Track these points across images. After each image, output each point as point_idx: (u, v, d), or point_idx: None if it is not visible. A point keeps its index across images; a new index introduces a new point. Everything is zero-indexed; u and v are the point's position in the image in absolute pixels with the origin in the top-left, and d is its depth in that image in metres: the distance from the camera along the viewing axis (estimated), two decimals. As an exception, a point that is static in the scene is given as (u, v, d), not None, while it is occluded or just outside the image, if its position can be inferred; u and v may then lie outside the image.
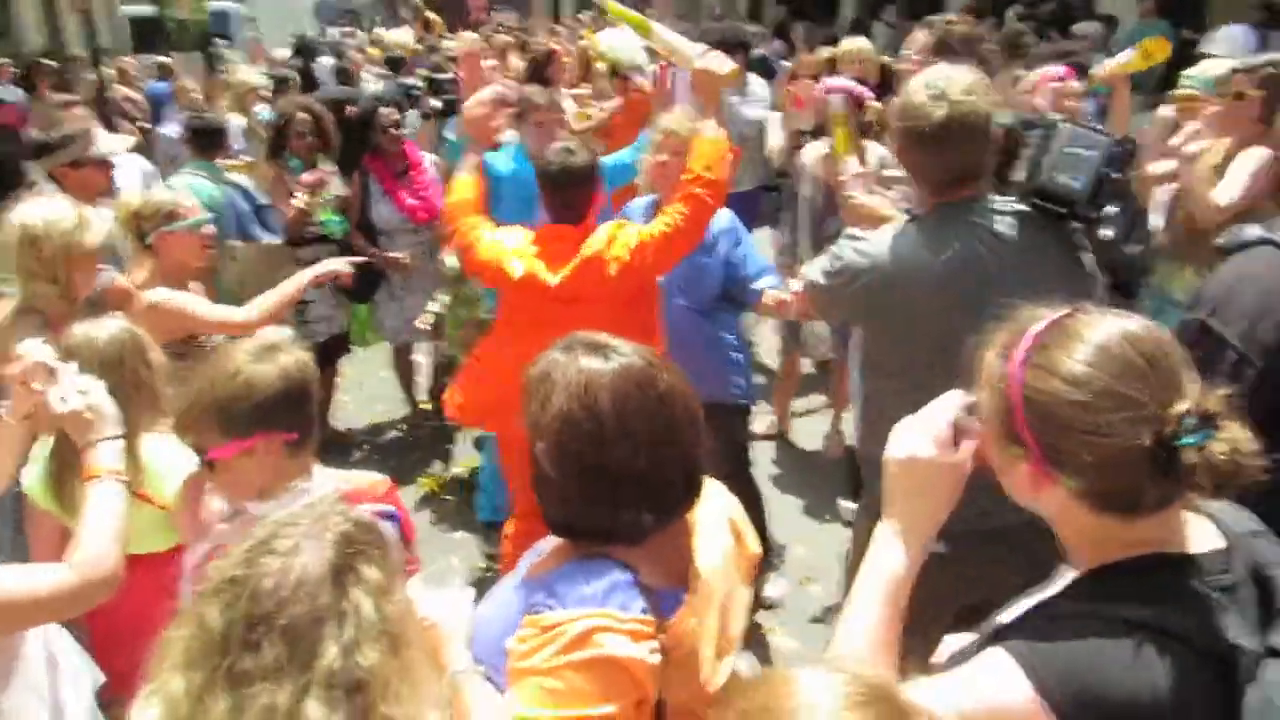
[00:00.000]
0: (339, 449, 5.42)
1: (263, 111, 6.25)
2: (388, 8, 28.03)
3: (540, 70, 6.09)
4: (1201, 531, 1.19)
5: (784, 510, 4.37)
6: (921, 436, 1.32)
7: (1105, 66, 4.18)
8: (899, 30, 11.27)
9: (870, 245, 2.28)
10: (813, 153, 4.32)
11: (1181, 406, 1.08)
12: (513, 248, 3.11)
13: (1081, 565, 1.22)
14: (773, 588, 3.92)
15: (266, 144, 5.08)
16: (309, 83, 9.09)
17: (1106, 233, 4.27)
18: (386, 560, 1.26)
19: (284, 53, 11.24)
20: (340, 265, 3.56)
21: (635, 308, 3.12)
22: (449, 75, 6.89)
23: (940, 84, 2.18)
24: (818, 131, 4.34)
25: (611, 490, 1.48)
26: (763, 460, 4.93)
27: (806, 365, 5.54)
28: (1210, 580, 1.13)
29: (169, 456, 2.29)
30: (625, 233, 3.04)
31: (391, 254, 5.05)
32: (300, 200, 4.72)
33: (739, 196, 4.75)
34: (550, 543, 1.65)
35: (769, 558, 3.90)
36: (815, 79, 5.35)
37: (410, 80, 7.11)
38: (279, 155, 4.94)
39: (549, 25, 15.81)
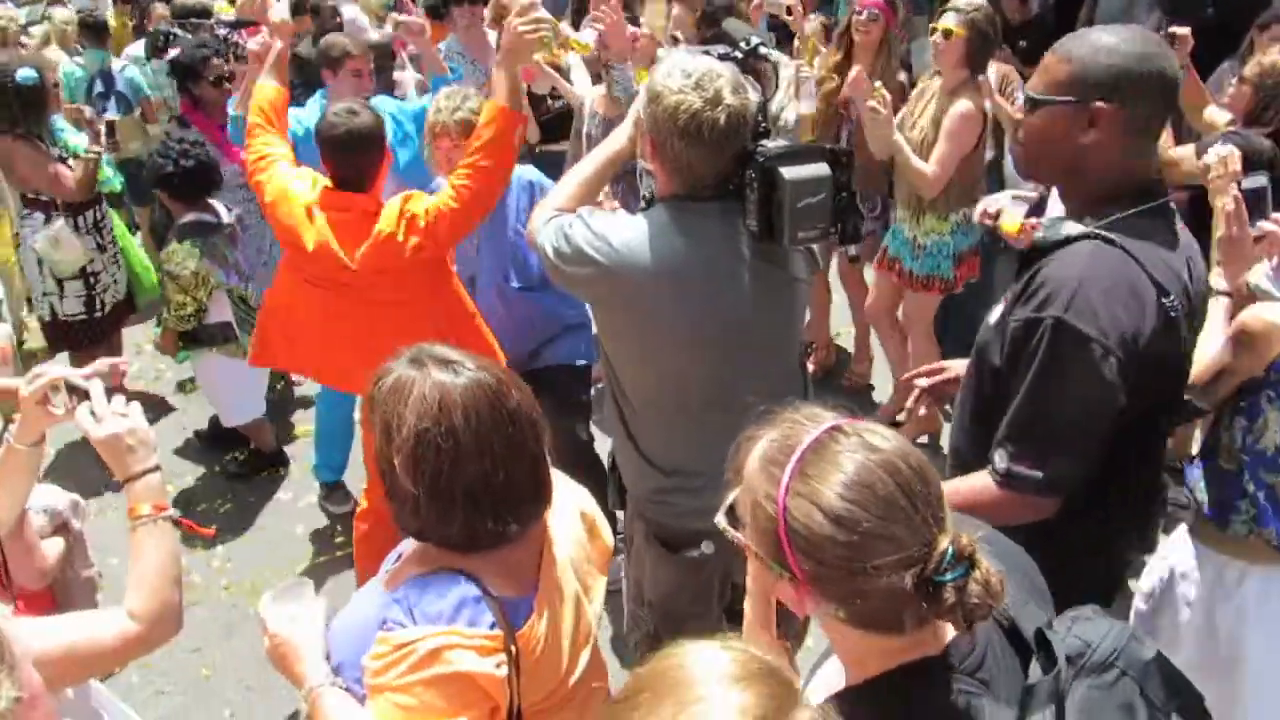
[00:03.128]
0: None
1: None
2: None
3: None
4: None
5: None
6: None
7: None
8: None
9: (609, 233, 2.14)
10: (594, 93, 4.40)
11: (942, 545, 1.10)
12: (304, 203, 2.99)
13: (848, 676, 1.25)
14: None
15: None
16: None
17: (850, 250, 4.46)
18: None
19: None
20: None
21: (429, 276, 3.10)
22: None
23: (710, 84, 2.05)
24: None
25: (466, 504, 1.50)
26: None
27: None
28: (964, 669, 1.16)
29: None
30: (415, 205, 2.95)
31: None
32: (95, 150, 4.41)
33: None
34: (408, 545, 1.66)
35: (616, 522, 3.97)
36: None
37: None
38: None
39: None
